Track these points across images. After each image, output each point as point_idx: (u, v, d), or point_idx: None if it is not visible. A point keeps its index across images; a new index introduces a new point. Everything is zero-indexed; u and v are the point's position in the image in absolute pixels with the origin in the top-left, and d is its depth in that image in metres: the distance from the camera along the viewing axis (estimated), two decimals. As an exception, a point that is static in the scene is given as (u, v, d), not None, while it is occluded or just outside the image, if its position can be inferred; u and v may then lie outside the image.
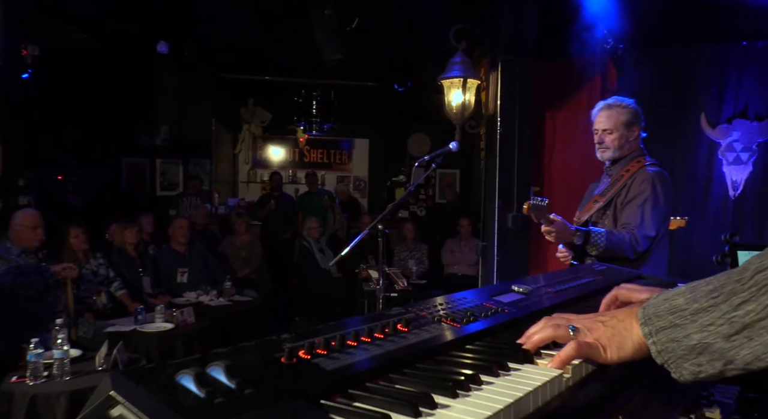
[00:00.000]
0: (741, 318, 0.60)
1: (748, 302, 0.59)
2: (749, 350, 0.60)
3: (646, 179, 2.41)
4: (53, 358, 2.73)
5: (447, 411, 0.60)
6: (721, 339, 0.62)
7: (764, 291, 0.58)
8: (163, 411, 0.52)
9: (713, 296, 0.62)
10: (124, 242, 4.88)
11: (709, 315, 0.63)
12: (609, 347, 0.74)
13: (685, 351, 0.65)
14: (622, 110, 2.52)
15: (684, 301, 0.65)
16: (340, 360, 0.70)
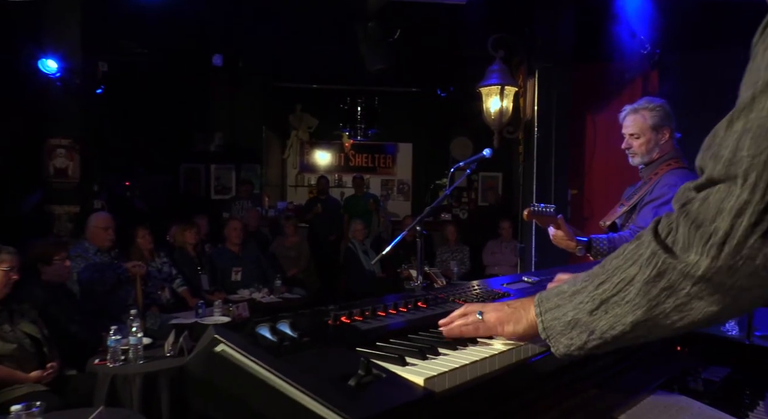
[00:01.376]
0: (600, 296, 0.73)
1: (604, 282, 0.73)
2: (605, 321, 0.73)
3: (669, 182, 2.34)
4: (129, 344, 3.08)
5: (446, 357, 0.83)
6: (586, 314, 0.75)
7: (615, 273, 0.71)
8: (249, 348, 0.77)
9: (585, 280, 0.77)
10: (185, 243, 5.29)
11: (580, 296, 0.76)
12: (506, 323, 0.88)
13: (563, 327, 0.79)
14: (649, 113, 2.42)
15: (567, 286, 0.80)
16: (372, 324, 0.94)
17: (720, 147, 0.62)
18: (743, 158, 0.59)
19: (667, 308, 0.67)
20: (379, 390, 0.70)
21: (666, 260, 0.65)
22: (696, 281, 0.63)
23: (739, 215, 0.59)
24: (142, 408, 2.93)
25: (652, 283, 0.66)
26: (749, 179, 0.59)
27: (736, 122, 0.61)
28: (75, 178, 4.89)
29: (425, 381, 0.73)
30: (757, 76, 0.60)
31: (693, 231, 0.62)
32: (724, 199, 0.60)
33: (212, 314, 4.26)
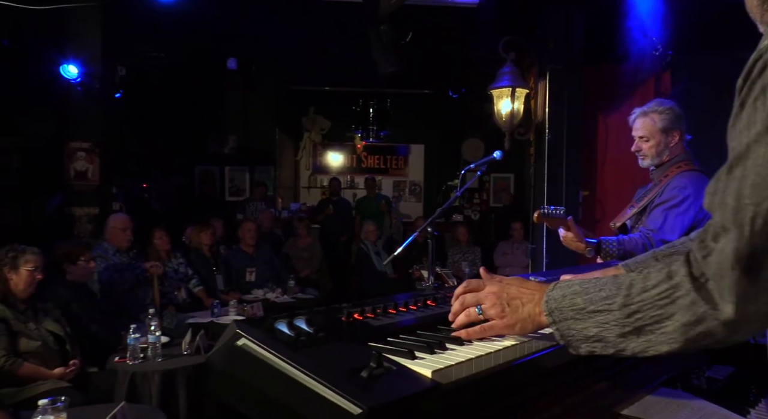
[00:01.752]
0: (632, 324, 0.77)
1: (637, 312, 0.76)
2: (637, 344, 0.77)
3: (678, 184, 2.34)
4: (148, 342, 3.17)
5: (453, 351, 0.88)
6: (614, 336, 0.79)
7: (651, 307, 0.75)
8: (268, 342, 0.83)
9: (607, 303, 0.79)
10: (200, 244, 5.38)
11: (604, 316, 0.79)
12: (513, 330, 0.92)
13: (583, 339, 0.82)
14: (659, 116, 2.43)
15: (582, 302, 0.82)
16: (383, 321, 0.99)
17: (725, 194, 0.66)
18: (747, 207, 0.63)
19: (700, 343, 0.73)
20: (389, 381, 0.75)
21: (707, 310, 0.69)
22: (726, 326, 0.69)
23: (749, 263, 0.64)
24: (160, 404, 3.01)
25: (691, 326, 0.71)
26: (752, 227, 0.63)
27: (735, 169, 0.65)
28: (94, 180, 5.02)
29: (433, 374, 0.78)
30: (751, 126, 0.64)
31: (720, 281, 0.67)
32: (732, 247, 0.65)
33: (227, 313, 4.34)
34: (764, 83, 0.63)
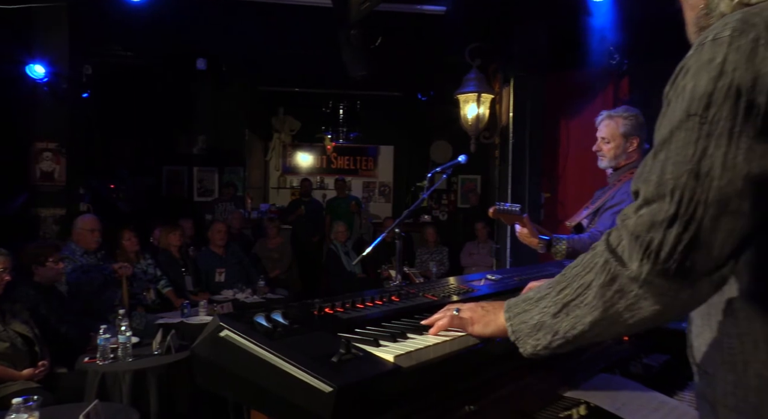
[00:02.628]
0: (561, 300, 0.84)
1: (565, 288, 0.83)
2: (567, 322, 0.83)
3: (629, 189, 2.53)
4: (118, 343, 3.19)
5: (413, 340, 0.99)
6: (550, 317, 0.86)
7: (575, 279, 0.82)
8: (249, 332, 0.92)
9: (549, 287, 0.88)
10: (169, 245, 5.38)
11: (544, 301, 0.87)
12: (477, 323, 1.01)
13: (530, 330, 0.89)
14: (623, 121, 2.56)
15: (533, 293, 0.91)
16: (351, 314, 1.10)
17: (650, 173, 0.75)
18: (668, 180, 0.72)
19: (619, 308, 0.77)
20: (356, 365, 0.86)
21: (616, 267, 0.75)
22: (641, 284, 0.74)
23: (669, 226, 0.71)
24: (131, 404, 3.04)
25: (606, 287, 0.77)
26: (675, 197, 0.71)
27: (660, 153, 0.75)
28: (61, 181, 4.97)
29: (395, 358, 0.89)
30: (673, 116, 0.75)
31: (633, 242, 0.73)
32: (656, 214, 0.72)
33: (197, 314, 4.37)
34: (684, 83, 0.75)
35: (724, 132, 0.69)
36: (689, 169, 0.71)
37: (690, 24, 0.92)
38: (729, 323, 0.80)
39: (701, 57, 0.73)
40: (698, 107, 0.71)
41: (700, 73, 0.72)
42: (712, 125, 0.70)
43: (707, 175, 0.70)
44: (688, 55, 0.77)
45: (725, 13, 0.81)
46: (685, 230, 0.70)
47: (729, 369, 0.80)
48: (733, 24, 0.73)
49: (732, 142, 0.69)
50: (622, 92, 5.54)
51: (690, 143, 0.71)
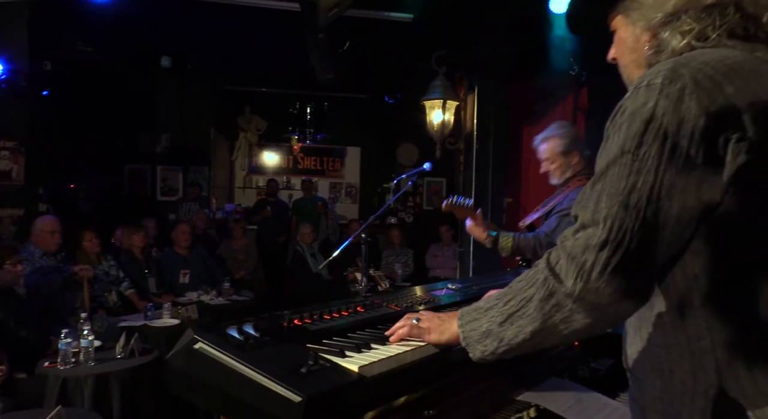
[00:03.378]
0: (507, 311, 0.92)
1: (510, 300, 0.92)
2: (511, 331, 0.91)
3: (575, 196, 2.69)
4: (80, 347, 3.16)
5: (377, 350, 1.07)
6: (496, 326, 0.94)
7: (519, 293, 0.91)
8: (222, 344, 0.98)
9: (497, 298, 0.96)
10: (132, 246, 5.30)
11: (492, 311, 0.95)
12: (434, 332, 1.09)
13: (479, 337, 0.97)
14: (559, 141, 2.71)
15: (483, 303, 0.99)
16: (319, 325, 1.17)
17: (588, 201, 0.84)
18: (602, 209, 0.81)
19: (555, 320, 0.86)
20: (324, 376, 0.93)
21: (554, 284, 0.84)
22: (575, 300, 0.83)
23: (600, 250, 0.79)
24: (93, 409, 3.02)
25: (545, 301, 0.86)
26: (607, 224, 0.79)
27: (597, 183, 0.85)
28: (19, 181, 4.84)
29: (359, 369, 0.96)
30: (610, 151, 0.84)
31: (570, 262, 0.82)
32: (590, 238, 0.80)
33: (161, 316, 4.34)
34: (621, 121, 0.84)
35: (651, 169, 0.79)
36: (620, 200, 0.80)
37: (630, 65, 1.02)
38: (657, 334, 0.89)
39: (637, 100, 0.82)
40: (631, 145, 0.81)
41: (634, 115, 0.82)
42: (641, 163, 0.79)
43: (635, 206, 0.79)
44: (626, 95, 0.86)
45: (677, 49, 0.90)
46: (614, 254, 0.79)
47: (657, 375, 0.89)
48: (665, 73, 0.81)
49: (657, 178, 0.78)
50: (581, 101, 5.75)
51: (622, 178, 0.81)
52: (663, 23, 0.91)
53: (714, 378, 0.82)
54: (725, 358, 0.81)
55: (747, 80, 0.79)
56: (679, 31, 0.89)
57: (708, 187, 0.78)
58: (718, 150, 0.77)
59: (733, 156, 0.77)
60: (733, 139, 0.77)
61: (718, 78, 0.79)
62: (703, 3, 0.88)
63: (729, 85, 0.78)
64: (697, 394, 0.83)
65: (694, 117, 0.77)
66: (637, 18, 0.96)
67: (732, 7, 0.87)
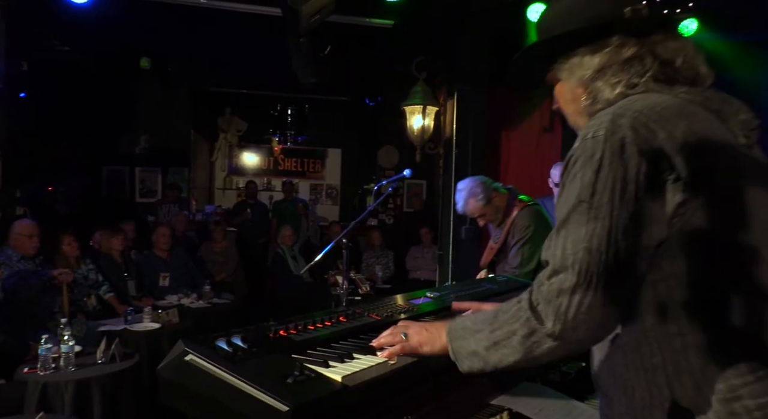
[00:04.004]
0: (493, 339, 0.99)
1: (497, 330, 0.98)
2: (496, 357, 0.99)
3: (522, 224, 2.92)
4: (61, 352, 3.16)
5: (359, 360, 1.13)
6: (483, 350, 1.00)
7: (504, 325, 0.98)
8: (212, 356, 1.03)
9: (483, 323, 1.03)
10: (111, 249, 5.28)
11: (480, 334, 1.01)
12: (425, 345, 1.13)
13: (467, 354, 1.04)
14: (475, 199, 2.99)
15: (470, 323, 1.06)
16: (303, 336, 1.22)
17: (555, 248, 0.92)
18: (569, 255, 0.89)
19: (536, 354, 0.94)
20: (309, 386, 0.99)
21: (535, 324, 0.92)
22: (555, 338, 0.91)
23: (573, 293, 0.87)
24: (74, 415, 3.02)
25: (527, 338, 0.94)
26: (575, 269, 0.87)
27: (561, 230, 0.93)
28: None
29: (342, 378, 1.02)
30: (569, 200, 0.92)
31: (547, 305, 0.90)
32: (562, 282, 0.89)
33: (141, 320, 4.33)
34: (574, 172, 0.93)
35: (606, 215, 0.87)
36: (584, 246, 0.88)
37: (573, 114, 1.11)
38: (618, 355, 0.98)
39: (585, 151, 0.91)
40: (586, 194, 0.90)
41: (585, 166, 0.90)
42: (597, 209, 0.88)
43: (597, 250, 0.87)
44: (575, 146, 0.95)
45: (611, 98, 0.99)
46: (585, 296, 0.88)
47: (622, 392, 0.97)
48: (606, 125, 0.90)
49: (612, 222, 0.87)
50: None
51: (582, 224, 0.89)
52: (593, 78, 1.02)
53: (667, 392, 0.90)
54: (674, 373, 0.89)
55: (676, 123, 0.89)
56: (609, 83, 1.00)
57: (657, 224, 0.87)
58: (660, 191, 0.87)
59: (671, 195, 0.86)
60: (669, 180, 0.87)
61: (652, 125, 0.88)
62: (624, 56, 0.99)
63: (661, 131, 0.88)
64: (654, 407, 0.91)
65: (635, 164, 0.87)
66: (570, 76, 1.06)
67: (649, 57, 0.98)
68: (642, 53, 0.99)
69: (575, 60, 1.04)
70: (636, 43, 0.99)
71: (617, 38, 1.00)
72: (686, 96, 0.96)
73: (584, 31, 1.02)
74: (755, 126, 0.99)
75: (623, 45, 1.00)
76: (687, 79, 1.00)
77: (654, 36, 1.00)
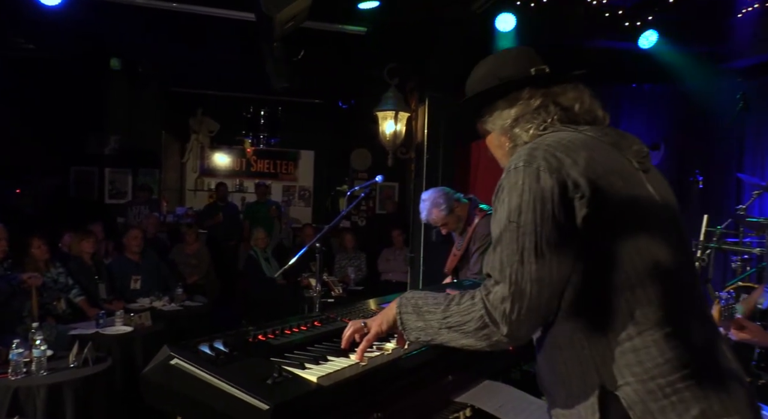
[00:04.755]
0: (445, 323, 1.13)
1: (450, 317, 1.13)
2: (445, 337, 1.14)
3: (483, 232, 3.07)
4: (33, 356, 3.15)
5: (332, 362, 1.22)
6: (434, 329, 1.15)
7: (458, 314, 1.11)
8: (196, 360, 1.11)
9: (435, 306, 1.17)
10: (81, 252, 5.23)
11: (430, 315, 1.16)
12: (382, 323, 1.27)
13: (414, 327, 1.19)
14: (438, 210, 3.14)
15: (421, 303, 1.19)
16: (281, 340, 1.31)
17: (494, 262, 1.08)
18: (505, 268, 1.05)
19: (483, 344, 1.10)
20: (287, 386, 1.07)
21: (488, 322, 1.07)
22: (503, 335, 1.06)
23: (512, 300, 1.04)
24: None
25: (479, 331, 1.09)
26: (511, 279, 1.04)
27: (497, 247, 1.09)
28: (-39, 186, 4.70)
29: (317, 379, 1.12)
30: (500, 221, 1.09)
31: (494, 310, 1.06)
32: (503, 291, 1.05)
33: (113, 324, 4.32)
34: (503, 197, 1.10)
35: (531, 231, 1.04)
36: (516, 259, 1.05)
37: (502, 158, 1.32)
38: (557, 354, 1.13)
39: (510, 180, 1.10)
40: (514, 215, 1.07)
41: (511, 192, 1.08)
42: (524, 227, 1.05)
43: (527, 262, 1.04)
44: (503, 177, 1.13)
45: (527, 141, 1.19)
46: (522, 301, 1.05)
47: (561, 386, 1.12)
48: (524, 157, 1.09)
49: (537, 237, 1.04)
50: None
51: (513, 241, 1.06)
52: (512, 126, 1.23)
53: (597, 378, 1.05)
54: (601, 362, 1.05)
55: (579, 152, 1.08)
56: (524, 129, 1.21)
57: (572, 235, 1.04)
58: (570, 207, 1.04)
59: (579, 210, 1.03)
60: (576, 197, 1.04)
61: (559, 155, 1.07)
62: (532, 107, 1.21)
63: (567, 159, 1.06)
64: (588, 394, 1.06)
65: (550, 188, 1.04)
66: (494, 126, 1.29)
67: (552, 105, 1.20)
68: (546, 103, 1.21)
69: (496, 113, 1.26)
70: (542, 94, 1.21)
71: (527, 92, 1.22)
72: (588, 133, 1.16)
73: (498, 87, 1.25)
74: (646, 154, 1.20)
75: (531, 97, 1.21)
76: (587, 121, 1.21)
77: (555, 88, 1.22)
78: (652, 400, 1.00)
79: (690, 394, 1.00)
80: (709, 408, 0.99)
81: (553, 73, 1.26)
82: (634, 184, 1.11)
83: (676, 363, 1.01)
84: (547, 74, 1.25)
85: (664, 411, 0.99)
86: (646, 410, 1.00)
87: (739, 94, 4.49)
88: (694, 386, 1.00)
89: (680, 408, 0.99)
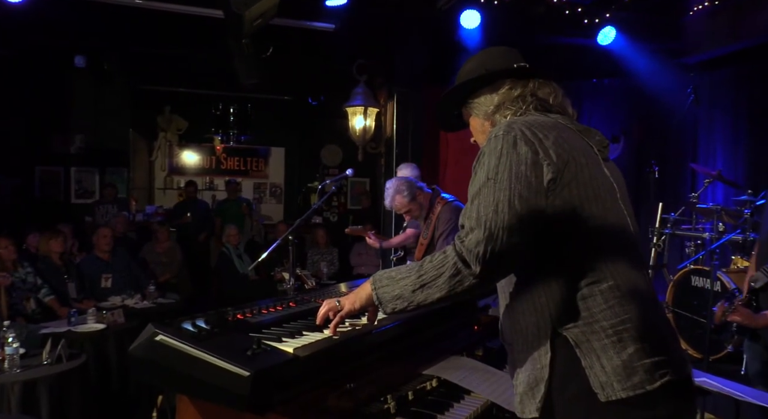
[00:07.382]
0: (420, 282, 1.23)
1: (424, 274, 1.23)
2: (422, 296, 1.23)
3: (446, 218, 3.26)
4: (6, 354, 3.15)
5: (307, 336, 1.32)
6: (409, 292, 1.24)
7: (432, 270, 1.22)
8: (180, 335, 1.19)
9: (408, 271, 1.27)
10: (50, 252, 5.18)
11: (405, 281, 1.25)
12: (356, 302, 1.35)
13: (390, 298, 1.27)
14: (401, 196, 3.31)
15: (395, 273, 1.29)
16: (258, 318, 1.40)
17: (470, 212, 1.20)
18: (481, 216, 1.17)
19: (457, 290, 1.21)
20: (265, 356, 1.17)
21: (462, 267, 1.18)
22: (474, 277, 1.18)
23: (486, 243, 1.15)
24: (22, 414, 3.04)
25: (453, 277, 1.20)
26: (486, 226, 1.16)
27: (474, 200, 1.21)
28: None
29: (294, 350, 1.21)
30: (480, 179, 1.22)
31: (469, 253, 1.16)
32: (478, 236, 1.16)
33: (86, 322, 4.31)
34: (483, 161, 1.25)
35: (507, 187, 1.19)
36: (492, 209, 1.18)
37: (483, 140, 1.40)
38: (516, 304, 1.29)
39: (490, 146, 1.25)
40: (492, 173, 1.21)
41: (491, 155, 1.24)
42: (500, 183, 1.20)
43: (501, 212, 1.17)
44: (484, 145, 1.28)
45: None
46: (495, 245, 1.16)
47: (519, 335, 1.28)
48: (503, 128, 1.26)
49: (511, 192, 1.18)
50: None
51: (490, 194, 1.19)
52: (493, 113, 1.40)
53: (549, 323, 1.22)
54: (554, 309, 1.21)
55: (550, 131, 1.26)
56: (504, 115, 1.39)
57: (540, 194, 1.20)
58: (540, 171, 1.20)
59: (546, 174, 1.20)
60: (545, 164, 1.21)
61: (534, 130, 1.25)
62: (513, 96, 1.38)
63: (540, 133, 1.24)
64: (542, 337, 1.23)
65: (524, 152, 1.21)
66: (478, 111, 1.44)
67: (529, 96, 1.38)
68: (525, 93, 1.38)
69: (481, 99, 1.42)
70: (521, 86, 1.38)
71: (509, 82, 1.39)
72: (558, 118, 1.35)
73: (484, 77, 1.41)
74: (606, 145, 1.38)
75: (512, 87, 1.38)
76: (559, 112, 1.39)
77: (533, 82, 1.39)
78: (596, 340, 1.17)
79: (628, 335, 1.17)
80: (643, 349, 1.16)
81: (532, 69, 1.42)
82: (593, 163, 1.28)
83: (618, 310, 1.18)
84: (527, 69, 1.41)
85: (605, 348, 1.16)
86: (590, 348, 1.17)
87: (690, 88, 4.72)
88: (631, 328, 1.17)
89: (619, 347, 1.16)
